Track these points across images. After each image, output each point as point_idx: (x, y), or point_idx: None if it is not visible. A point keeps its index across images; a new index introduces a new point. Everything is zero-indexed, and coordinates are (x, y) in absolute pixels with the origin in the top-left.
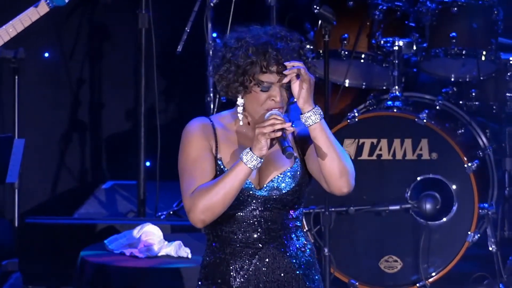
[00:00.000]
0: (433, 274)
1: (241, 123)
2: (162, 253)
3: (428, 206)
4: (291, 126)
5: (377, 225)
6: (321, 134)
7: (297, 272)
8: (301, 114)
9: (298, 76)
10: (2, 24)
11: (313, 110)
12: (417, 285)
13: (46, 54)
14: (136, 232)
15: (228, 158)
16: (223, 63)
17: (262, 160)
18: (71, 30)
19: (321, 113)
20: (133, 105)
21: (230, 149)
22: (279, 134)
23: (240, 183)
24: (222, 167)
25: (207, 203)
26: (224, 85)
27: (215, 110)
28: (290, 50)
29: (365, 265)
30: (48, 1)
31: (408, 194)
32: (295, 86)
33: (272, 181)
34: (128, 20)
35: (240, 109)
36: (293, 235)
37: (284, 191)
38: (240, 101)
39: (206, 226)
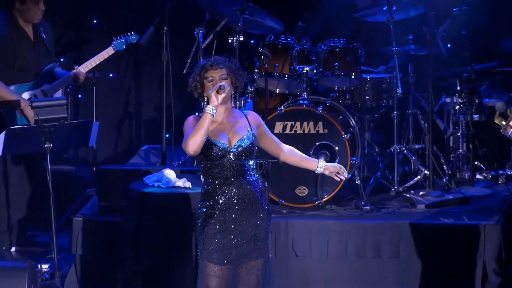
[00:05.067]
0: (325, 196)
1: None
2: (175, 185)
3: (322, 159)
4: (222, 84)
5: (293, 169)
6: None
7: (255, 193)
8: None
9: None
10: (85, 60)
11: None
12: (316, 202)
13: (111, 75)
14: (160, 173)
15: (213, 135)
16: (192, 78)
17: (216, 110)
18: (124, 60)
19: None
20: (159, 103)
21: (213, 128)
22: (217, 88)
23: (207, 125)
24: (211, 139)
25: (192, 139)
26: (193, 86)
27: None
28: (222, 61)
29: (287, 191)
30: (113, 46)
31: (311, 152)
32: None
33: (237, 142)
34: (156, 55)
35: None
36: (251, 173)
37: (244, 147)
38: (206, 101)
39: (203, 171)
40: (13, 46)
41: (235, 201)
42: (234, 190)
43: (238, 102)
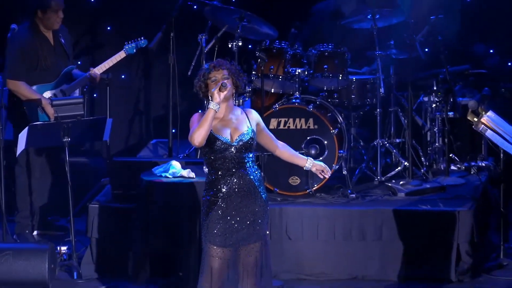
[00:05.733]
0: (315, 185)
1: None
2: (180, 174)
3: (312, 151)
4: (224, 81)
5: (286, 161)
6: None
7: (254, 183)
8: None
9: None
10: (99, 62)
11: (212, 103)
12: (307, 191)
13: (123, 76)
14: (167, 164)
15: (217, 130)
16: (197, 79)
17: (218, 106)
18: (134, 63)
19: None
20: (166, 102)
21: (216, 124)
22: (219, 86)
23: (211, 119)
24: (214, 134)
25: (197, 132)
26: (198, 87)
27: (206, 105)
28: (224, 63)
29: (281, 181)
30: (125, 50)
31: (303, 145)
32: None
33: (238, 137)
34: (163, 58)
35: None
36: (251, 165)
37: (245, 141)
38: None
39: (207, 163)
40: (36, 50)
41: (236, 190)
42: (235, 180)
43: (236, 101)
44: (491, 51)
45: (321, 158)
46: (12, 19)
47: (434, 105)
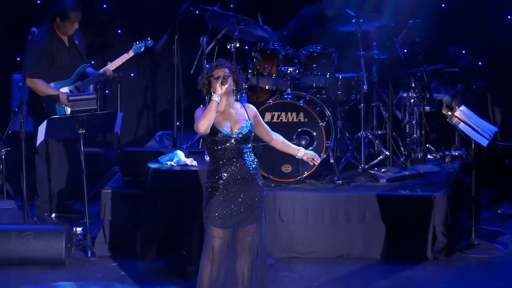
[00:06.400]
0: (306, 172)
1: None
2: (184, 163)
3: (303, 142)
4: (226, 74)
5: (279, 150)
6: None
7: (251, 171)
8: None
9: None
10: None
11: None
12: (298, 177)
13: (132, 74)
14: (172, 154)
15: (218, 123)
16: (201, 77)
17: (220, 98)
18: (142, 63)
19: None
20: (170, 97)
21: (218, 118)
22: (221, 80)
23: (214, 109)
24: (216, 127)
25: (202, 121)
26: (201, 84)
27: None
28: (225, 63)
29: (275, 168)
30: (133, 50)
31: (294, 137)
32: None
33: (238, 130)
34: (168, 58)
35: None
36: (249, 155)
37: (244, 134)
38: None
39: (209, 153)
40: (52, 51)
41: (235, 177)
42: (234, 168)
43: (234, 96)
44: (464, 52)
45: (310, 148)
46: (30, 23)
47: (412, 100)
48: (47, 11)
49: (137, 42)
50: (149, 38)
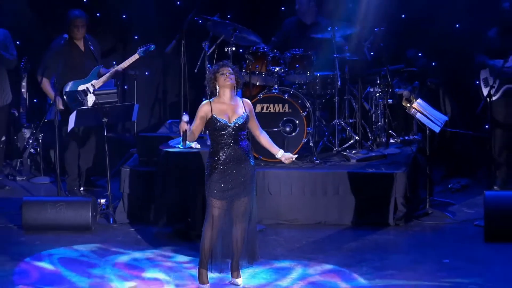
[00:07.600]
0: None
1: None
2: (189, 146)
3: (287, 129)
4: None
5: (271, 137)
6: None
7: (245, 153)
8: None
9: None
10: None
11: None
12: None
13: (146, 73)
14: (179, 138)
15: (218, 113)
16: (209, 73)
17: (190, 144)
18: (155, 63)
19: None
20: (178, 92)
21: (219, 109)
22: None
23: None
24: (216, 117)
25: (188, 138)
26: (208, 78)
27: (208, 95)
28: (228, 63)
29: (264, 150)
30: (138, 53)
31: (280, 124)
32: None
33: (235, 120)
34: (177, 60)
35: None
36: (244, 140)
37: (240, 124)
38: (217, 89)
39: (210, 137)
40: (68, 55)
41: (231, 158)
42: (231, 151)
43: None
44: (420, 54)
45: (293, 134)
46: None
47: (377, 94)
48: (89, 11)
49: (141, 46)
50: (150, 43)
